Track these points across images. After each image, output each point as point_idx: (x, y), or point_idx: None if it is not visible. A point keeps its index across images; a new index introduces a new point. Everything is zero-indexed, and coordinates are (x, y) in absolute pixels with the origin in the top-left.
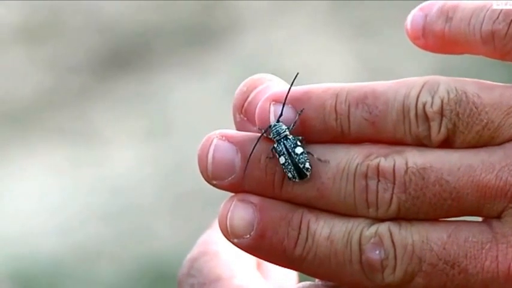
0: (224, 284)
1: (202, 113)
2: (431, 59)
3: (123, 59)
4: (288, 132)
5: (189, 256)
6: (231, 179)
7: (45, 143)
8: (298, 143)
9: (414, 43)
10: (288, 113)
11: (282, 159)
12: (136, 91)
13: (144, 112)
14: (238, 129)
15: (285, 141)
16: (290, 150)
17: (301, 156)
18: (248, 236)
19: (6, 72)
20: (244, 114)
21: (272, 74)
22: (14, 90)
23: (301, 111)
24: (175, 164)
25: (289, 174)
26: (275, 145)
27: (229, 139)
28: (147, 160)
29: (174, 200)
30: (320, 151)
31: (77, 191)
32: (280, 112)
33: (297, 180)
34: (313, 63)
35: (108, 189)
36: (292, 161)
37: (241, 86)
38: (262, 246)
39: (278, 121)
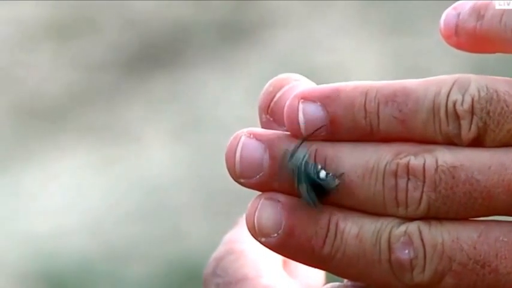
0: (251, 283)
1: (235, 110)
2: (466, 57)
3: (155, 55)
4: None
5: (214, 255)
6: (258, 177)
7: (76, 141)
8: (319, 167)
9: (447, 42)
10: (317, 111)
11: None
12: (168, 88)
13: (176, 110)
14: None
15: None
16: (314, 178)
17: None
18: (276, 234)
19: (36, 69)
20: (270, 114)
21: (305, 71)
22: (45, 88)
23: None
24: (208, 163)
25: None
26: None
27: (257, 137)
28: (178, 158)
29: (206, 198)
30: (348, 150)
31: (107, 190)
32: (310, 112)
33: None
34: (346, 61)
35: (138, 188)
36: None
37: (267, 86)
38: (290, 245)
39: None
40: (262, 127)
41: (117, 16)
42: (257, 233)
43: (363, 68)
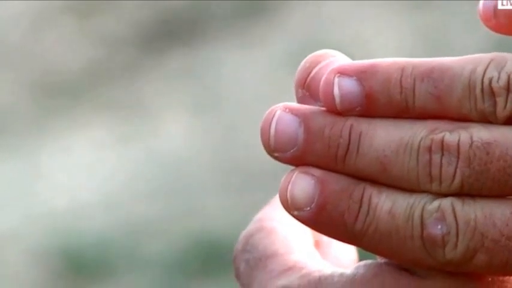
0: (281, 259)
1: (252, 86)
2: (487, 34)
3: (173, 31)
4: None
5: (244, 232)
6: (293, 151)
7: (94, 116)
8: None
9: (486, 25)
10: (353, 86)
11: None
12: (186, 64)
13: (193, 85)
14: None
15: None
16: None
17: None
18: (308, 208)
19: (55, 45)
20: (306, 89)
21: (324, 47)
22: (63, 63)
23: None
24: (225, 139)
25: None
26: None
27: (292, 111)
28: (196, 134)
29: (224, 175)
30: (383, 125)
31: (125, 166)
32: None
33: None
34: (365, 35)
35: (156, 164)
36: None
37: (304, 62)
38: (323, 219)
39: None
40: (298, 102)
41: None
42: (290, 206)
43: (382, 41)
